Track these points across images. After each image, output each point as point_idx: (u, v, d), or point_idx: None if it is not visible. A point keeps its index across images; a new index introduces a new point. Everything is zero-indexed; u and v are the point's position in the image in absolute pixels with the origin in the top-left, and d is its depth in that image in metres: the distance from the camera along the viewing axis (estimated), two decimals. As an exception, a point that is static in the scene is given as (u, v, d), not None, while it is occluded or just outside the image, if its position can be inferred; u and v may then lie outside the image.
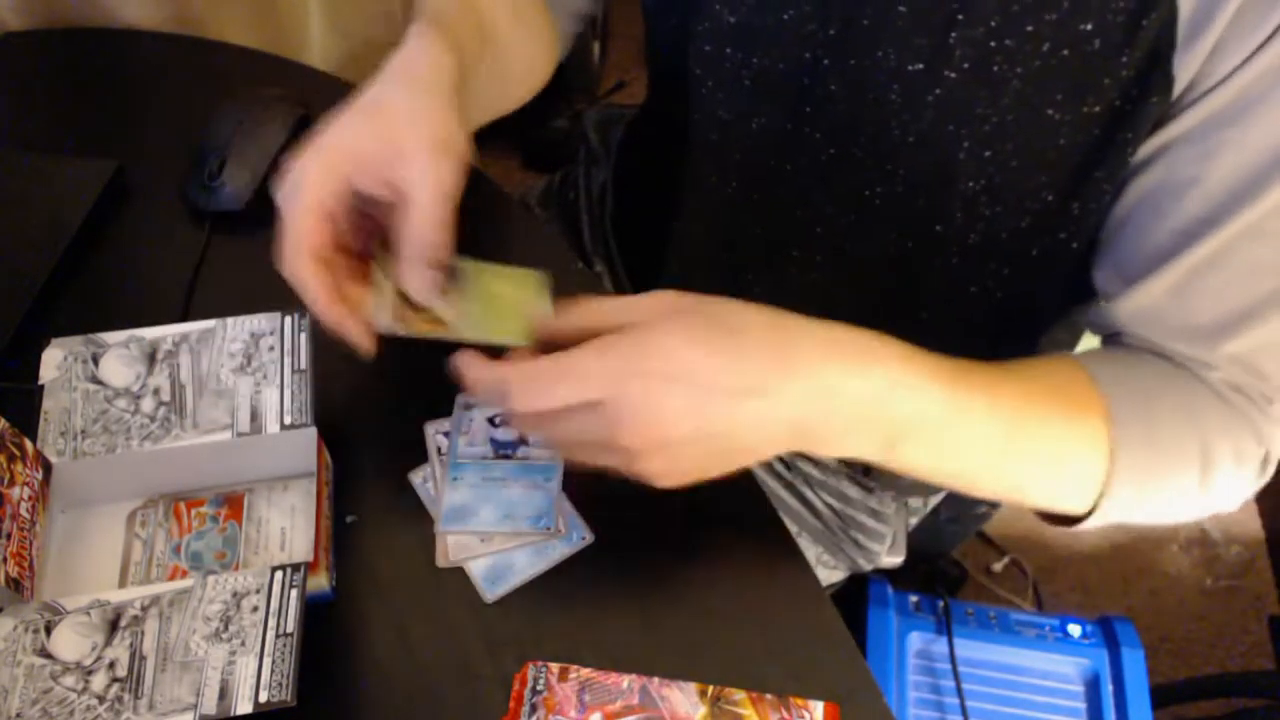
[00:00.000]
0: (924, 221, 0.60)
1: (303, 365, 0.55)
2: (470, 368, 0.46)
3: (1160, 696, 1.02)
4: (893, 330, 0.47)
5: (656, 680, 0.50)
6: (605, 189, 0.89)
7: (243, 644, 0.46)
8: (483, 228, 0.71)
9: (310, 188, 0.47)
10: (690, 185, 0.69)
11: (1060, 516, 0.56)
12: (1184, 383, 0.54)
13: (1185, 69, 0.48)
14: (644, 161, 0.82)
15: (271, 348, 0.55)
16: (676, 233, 0.72)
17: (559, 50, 0.69)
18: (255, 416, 0.53)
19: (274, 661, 0.45)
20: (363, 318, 0.48)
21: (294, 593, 0.47)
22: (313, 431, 0.54)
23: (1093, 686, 1.00)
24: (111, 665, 0.45)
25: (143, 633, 0.46)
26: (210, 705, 0.44)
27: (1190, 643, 1.41)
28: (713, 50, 0.59)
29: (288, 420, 0.53)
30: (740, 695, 0.49)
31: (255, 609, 0.47)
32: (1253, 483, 0.56)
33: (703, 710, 0.49)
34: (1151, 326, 0.55)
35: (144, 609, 0.47)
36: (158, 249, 0.69)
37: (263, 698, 0.44)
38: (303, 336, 0.56)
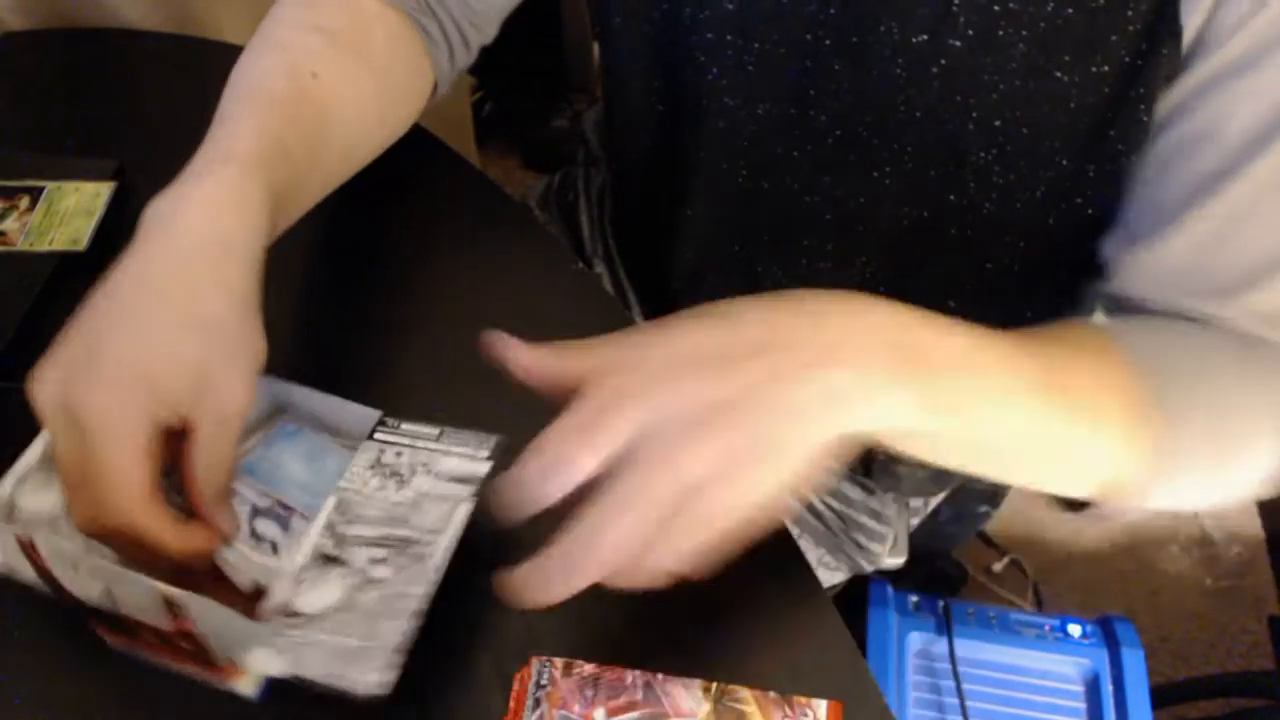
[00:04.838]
0: (936, 197, 0.59)
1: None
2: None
3: (1160, 696, 1.02)
4: None
5: (660, 676, 0.50)
6: (605, 190, 0.88)
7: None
8: (483, 229, 0.71)
9: (128, 436, 0.42)
10: (699, 174, 0.68)
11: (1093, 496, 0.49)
12: (1237, 350, 0.50)
13: (1193, 17, 0.47)
14: (645, 160, 0.81)
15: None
16: (685, 223, 0.71)
17: (449, 66, 0.64)
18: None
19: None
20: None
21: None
22: (314, 430, 0.53)
23: (1093, 686, 1.00)
24: None
25: None
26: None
27: (1190, 643, 1.41)
28: (714, 38, 0.59)
29: (289, 419, 0.53)
30: (744, 693, 0.49)
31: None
32: None
33: (706, 707, 0.49)
34: (1172, 287, 0.51)
35: None
36: (158, 249, 0.69)
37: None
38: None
